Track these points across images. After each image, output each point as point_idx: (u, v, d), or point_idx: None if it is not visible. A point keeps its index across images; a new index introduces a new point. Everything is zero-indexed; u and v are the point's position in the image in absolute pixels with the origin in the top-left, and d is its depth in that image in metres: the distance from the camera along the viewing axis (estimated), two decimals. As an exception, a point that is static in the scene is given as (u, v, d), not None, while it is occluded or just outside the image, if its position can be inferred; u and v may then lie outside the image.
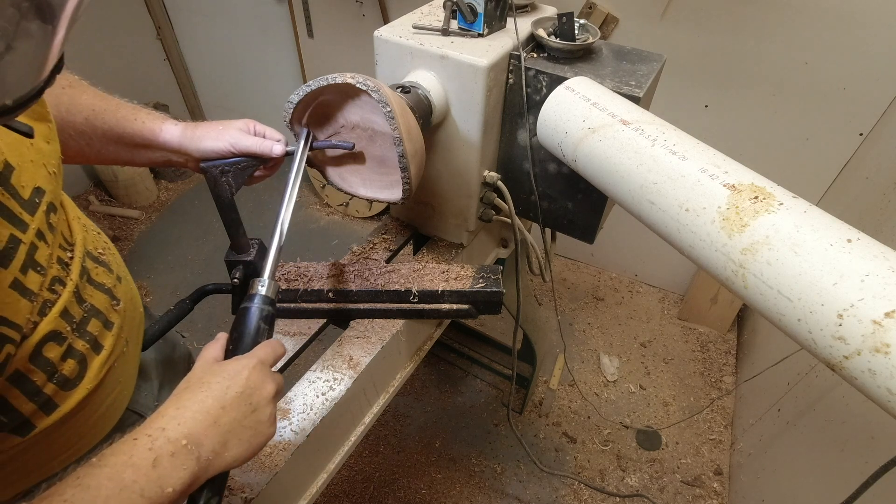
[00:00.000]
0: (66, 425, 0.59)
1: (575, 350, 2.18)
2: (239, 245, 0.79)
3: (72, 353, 0.57)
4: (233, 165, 0.72)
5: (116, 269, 0.67)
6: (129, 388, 0.72)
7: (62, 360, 0.56)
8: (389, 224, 1.11)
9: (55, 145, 0.57)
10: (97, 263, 0.63)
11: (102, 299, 0.62)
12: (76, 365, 0.58)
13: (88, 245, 0.63)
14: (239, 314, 0.60)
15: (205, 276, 2.41)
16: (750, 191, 0.58)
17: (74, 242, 0.60)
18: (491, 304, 0.90)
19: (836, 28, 1.50)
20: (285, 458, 0.72)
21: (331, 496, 1.72)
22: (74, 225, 0.61)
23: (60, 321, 0.55)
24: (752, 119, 1.76)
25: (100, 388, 0.62)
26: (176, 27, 2.79)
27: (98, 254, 0.64)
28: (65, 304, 0.55)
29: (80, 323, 0.58)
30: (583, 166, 0.77)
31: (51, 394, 0.56)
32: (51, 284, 0.54)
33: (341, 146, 0.78)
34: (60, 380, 0.56)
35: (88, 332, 0.59)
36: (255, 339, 0.58)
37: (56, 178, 0.56)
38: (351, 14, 2.20)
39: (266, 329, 0.59)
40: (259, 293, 0.60)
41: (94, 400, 0.62)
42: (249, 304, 0.60)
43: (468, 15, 0.85)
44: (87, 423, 0.62)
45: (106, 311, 0.62)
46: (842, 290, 0.48)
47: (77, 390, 0.59)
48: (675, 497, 1.74)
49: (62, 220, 0.59)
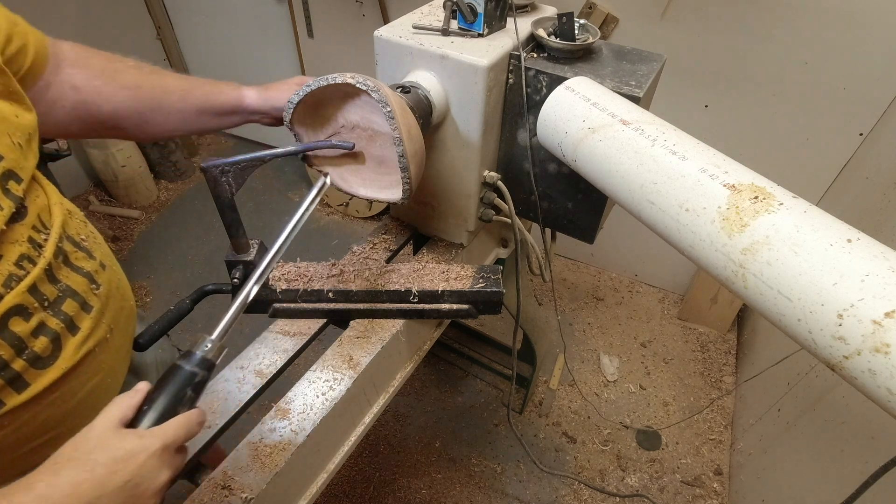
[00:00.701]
0: (39, 406, 0.58)
1: (575, 350, 2.18)
2: (239, 245, 0.80)
3: (44, 331, 0.57)
4: (233, 165, 0.72)
5: (101, 256, 0.68)
6: (117, 379, 0.72)
7: (33, 336, 0.56)
8: (389, 224, 1.11)
9: (25, 120, 0.58)
10: (78, 248, 0.64)
11: (80, 281, 0.62)
12: (49, 343, 0.58)
13: (70, 230, 0.63)
14: (168, 371, 0.53)
15: (205, 276, 2.41)
16: (750, 191, 0.58)
17: (51, 226, 0.60)
18: (491, 304, 0.90)
19: (836, 28, 1.50)
20: (285, 458, 0.72)
21: (331, 496, 1.72)
22: (55, 209, 0.61)
23: (28, 296, 0.55)
24: (752, 119, 1.76)
25: (77, 371, 0.62)
26: (176, 27, 2.79)
27: (80, 239, 0.65)
28: (34, 281, 0.55)
29: (53, 302, 0.58)
30: (583, 166, 0.77)
31: (20, 370, 0.55)
32: (18, 260, 0.54)
33: (341, 146, 0.78)
34: (31, 356, 0.56)
35: (63, 311, 0.59)
36: (174, 408, 0.51)
37: (22, 151, 0.56)
38: (351, 14, 2.20)
39: (192, 398, 0.53)
40: (197, 354, 0.53)
41: (70, 383, 0.61)
42: (183, 364, 0.53)
43: (468, 15, 0.85)
44: (63, 408, 0.62)
45: (84, 294, 0.62)
46: (842, 290, 0.48)
47: (51, 370, 0.58)
48: (675, 497, 1.74)
49: (42, 203, 0.60)
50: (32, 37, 0.64)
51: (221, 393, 0.79)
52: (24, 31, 0.63)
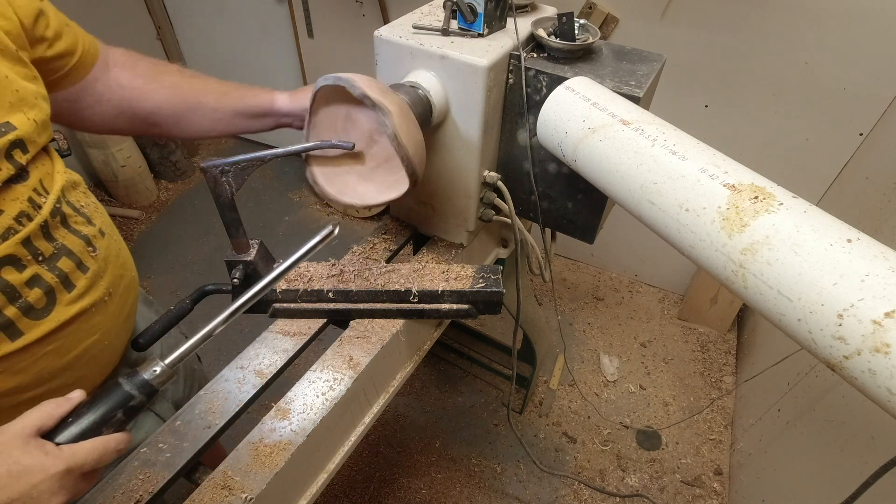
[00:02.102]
0: (33, 356, 0.61)
1: (575, 350, 2.18)
2: (239, 245, 0.80)
3: (38, 283, 0.61)
4: (233, 165, 0.72)
5: (100, 224, 0.71)
6: (114, 346, 0.75)
7: (27, 286, 0.59)
8: (389, 224, 1.11)
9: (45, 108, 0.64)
10: (77, 213, 0.67)
11: (77, 242, 0.66)
12: (43, 295, 0.61)
13: (70, 196, 0.67)
14: (106, 386, 0.51)
15: (205, 276, 2.41)
16: (750, 191, 0.58)
17: (51, 190, 0.64)
18: (491, 304, 0.90)
19: (836, 28, 1.50)
20: (285, 458, 0.72)
21: (331, 496, 1.72)
22: (57, 177, 0.65)
23: (21, 248, 0.59)
24: (752, 119, 1.76)
25: (73, 327, 0.65)
26: (176, 27, 2.79)
27: (80, 206, 0.69)
28: (28, 234, 0.59)
29: (48, 258, 0.62)
30: (583, 166, 0.77)
31: (13, 317, 0.59)
32: (17, 216, 0.58)
33: (341, 146, 0.78)
34: (24, 306, 0.59)
35: (58, 267, 0.63)
36: (99, 428, 0.49)
37: (37, 127, 0.61)
38: (351, 14, 2.20)
39: (121, 420, 0.50)
40: (141, 376, 0.51)
41: (65, 337, 0.64)
42: (123, 383, 0.51)
43: (468, 15, 0.85)
44: (59, 362, 0.65)
45: (80, 254, 0.66)
46: (842, 290, 0.48)
47: (44, 321, 0.61)
48: (675, 497, 1.74)
49: (45, 171, 0.64)
50: (83, 38, 0.74)
51: (221, 393, 0.79)
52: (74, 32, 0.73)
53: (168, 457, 0.71)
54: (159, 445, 0.72)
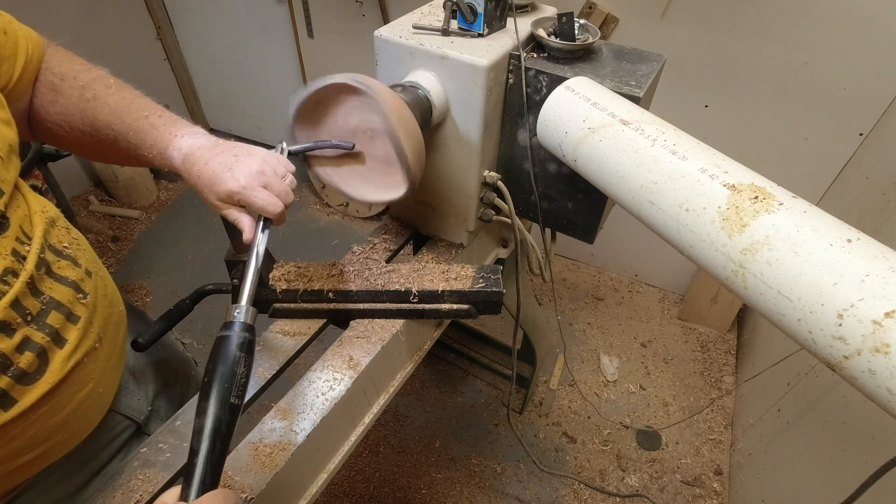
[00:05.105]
0: (27, 421, 0.58)
1: (575, 350, 2.18)
2: (239, 245, 0.80)
3: (29, 346, 0.56)
4: (233, 165, 0.72)
5: (86, 263, 0.66)
6: (109, 387, 0.71)
7: (17, 352, 0.55)
8: (389, 224, 1.11)
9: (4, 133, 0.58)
10: (60, 257, 0.62)
11: (65, 292, 0.61)
12: (35, 358, 0.57)
13: (52, 239, 0.62)
14: (216, 343, 0.54)
15: (205, 276, 2.41)
16: (750, 191, 0.58)
17: (33, 236, 0.59)
18: (491, 304, 0.90)
19: (836, 28, 1.50)
20: (285, 458, 0.72)
21: (331, 496, 1.72)
22: (36, 219, 0.60)
23: (10, 312, 0.54)
24: (752, 119, 1.76)
25: (65, 384, 0.61)
26: (176, 27, 2.79)
27: (63, 247, 0.64)
28: (16, 295, 0.54)
29: (37, 315, 0.57)
30: (583, 166, 0.77)
31: (6, 387, 0.54)
32: (2, 275, 0.53)
33: (341, 146, 0.78)
34: (17, 373, 0.55)
35: (48, 324, 0.58)
36: (233, 368, 0.52)
37: (3, 163, 0.56)
38: (351, 14, 2.20)
39: (243, 357, 0.54)
40: (237, 319, 0.55)
41: (59, 396, 0.60)
42: (228, 333, 0.54)
43: (468, 15, 0.85)
44: (53, 421, 0.61)
45: (70, 304, 0.61)
46: (842, 290, 0.48)
47: (38, 384, 0.57)
48: (675, 497, 1.74)
49: (22, 213, 0.59)
50: (25, 42, 0.64)
51: (221, 393, 0.79)
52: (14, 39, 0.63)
53: (168, 457, 0.71)
54: (159, 445, 0.72)
